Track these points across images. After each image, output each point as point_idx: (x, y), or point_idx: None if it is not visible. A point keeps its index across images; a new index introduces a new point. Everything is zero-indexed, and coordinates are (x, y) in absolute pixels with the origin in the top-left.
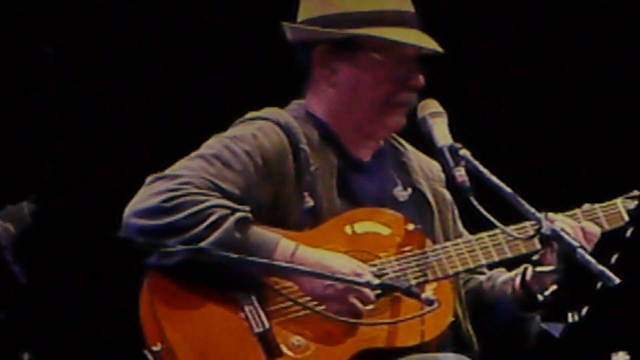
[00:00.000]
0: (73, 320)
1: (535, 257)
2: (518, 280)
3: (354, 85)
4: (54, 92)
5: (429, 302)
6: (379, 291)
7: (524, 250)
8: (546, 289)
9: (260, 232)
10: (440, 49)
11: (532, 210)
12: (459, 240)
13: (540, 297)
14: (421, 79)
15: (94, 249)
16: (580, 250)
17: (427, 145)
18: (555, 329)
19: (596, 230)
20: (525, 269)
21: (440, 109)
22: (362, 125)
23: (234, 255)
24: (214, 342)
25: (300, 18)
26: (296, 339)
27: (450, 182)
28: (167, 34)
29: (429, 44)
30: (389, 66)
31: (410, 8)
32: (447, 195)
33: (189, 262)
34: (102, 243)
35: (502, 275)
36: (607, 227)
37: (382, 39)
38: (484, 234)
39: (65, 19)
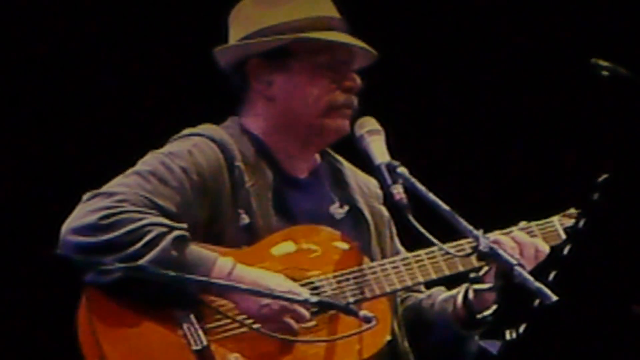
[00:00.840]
0: (9, 338)
1: (472, 275)
2: (460, 299)
3: (290, 92)
4: None
5: (367, 320)
6: (315, 309)
7: (461, 268)
8: (487, 307)
9: (198, 251)
10: (372, 50)
11: (470, 227)
12: (396, 258)
13: (481, 316)
14: (357, 80)
15: (31, 266)
16: (517, 268)
17: (365, 162)
18: (493, 346)
19: (546, 249)
20: (468, 287)
21: (377, 126)
22: (305, 133)
23: (171, 273)
24: (152, 359)
25: (231, 42)
26: (234, 357)
27: (388, 200)
28: (104, 51)
29: (360, 44)
30: (324, 69)
31: (338, 15)
32: (385, 212)
33: (127, 279)
34: (39, 260)
35: (442, 293)
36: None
37: (314, 39)
38: (421, 252)
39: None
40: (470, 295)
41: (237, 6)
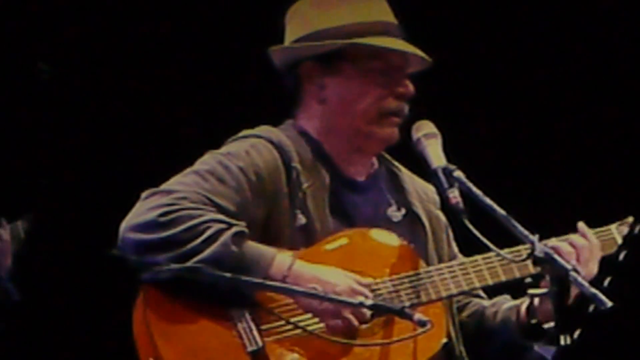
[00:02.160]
0: (67, 336)
1: (528, 280)
2: (524, 308)
3: (342, 96)
4: (50, 110)
5: (422, 324)
6: (371, 312)
7: (517, 274)
8: (551, 318)
9: (257, 247)
10: (427, 57)
11: (526, 232)
12: (453, 263)
13: (547, 326)
14: (410, 86)
15: (89, 266)
16: (573, 273)
17: (422, 168)
18: (548, 352)
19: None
20: (533, 296)
21: (434, 130)
22: (354, 138)
23: (227, 275)
24: (207, 359)
25: (286, 42)
26: (290, 358)
27: (445, 204)
28: (162, 52)
29: (415, 51)
30: (377, 74)
31: (394, 20)
32: (442, 217)
33: (183, 277)
34: (96, 259)
35: (506, 302)
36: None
37: (368, 46)
38: (478, 257)
39: (62, 38)
40: (535, 304)
41: (293, 6)
